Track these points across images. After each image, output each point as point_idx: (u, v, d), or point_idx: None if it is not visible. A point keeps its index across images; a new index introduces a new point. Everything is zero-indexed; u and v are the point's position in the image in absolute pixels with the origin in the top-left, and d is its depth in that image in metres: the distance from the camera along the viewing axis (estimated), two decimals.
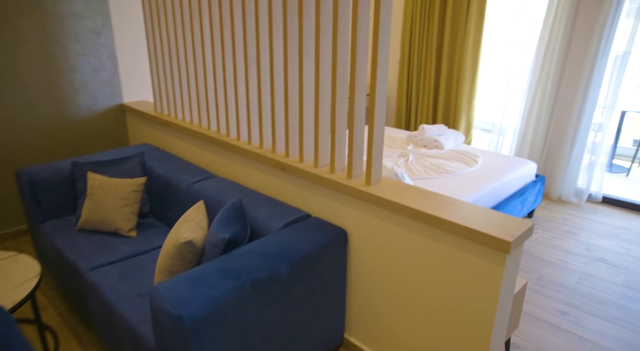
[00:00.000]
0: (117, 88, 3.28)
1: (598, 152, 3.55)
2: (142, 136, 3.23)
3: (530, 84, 3.70)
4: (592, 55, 3.31)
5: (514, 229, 1.39)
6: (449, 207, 1.56)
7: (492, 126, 4.09)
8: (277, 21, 1.93)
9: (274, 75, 2.00)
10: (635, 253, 2.90)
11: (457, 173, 2.90)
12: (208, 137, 2.47)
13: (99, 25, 3.10)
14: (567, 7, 3.36)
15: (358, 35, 1.61)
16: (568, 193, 3.67)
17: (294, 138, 2.04)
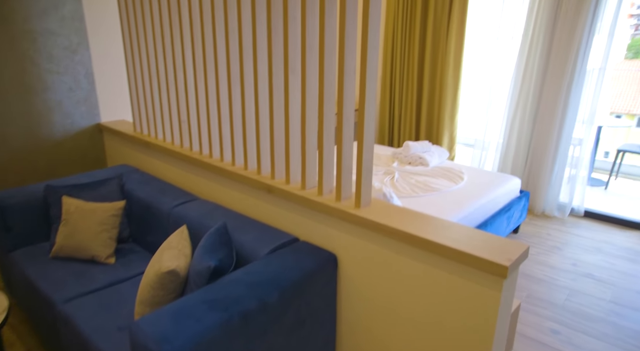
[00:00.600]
0: (94, 107, 3.18)
1: (579, 167, 3.60)
2: (121, 157, 3.12)
3: (512, 99, 3.75)
4: (570, 70, 3.37)
5: (510, 253, 1.36)
6: (442, 230, 1.52)
7: (475, 141, 4.12)
8: (262, 39, 1.89)
9: (259, 94, 1.96)
10: (620, 267, 2.92)
11: (443, 191, 2.89)
12: (190, 158, 2.39)
13: (75, 43, 3.01)
14: (544, 23, 3.44)
15: (346, 54, 1.58)
16: (551, 207, 3.71)
17: (280, 159, 1.99)
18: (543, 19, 3.43)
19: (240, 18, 1.91)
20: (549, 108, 3.55)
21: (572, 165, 3.63)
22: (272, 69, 1.86)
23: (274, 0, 1.76)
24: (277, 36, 1.82)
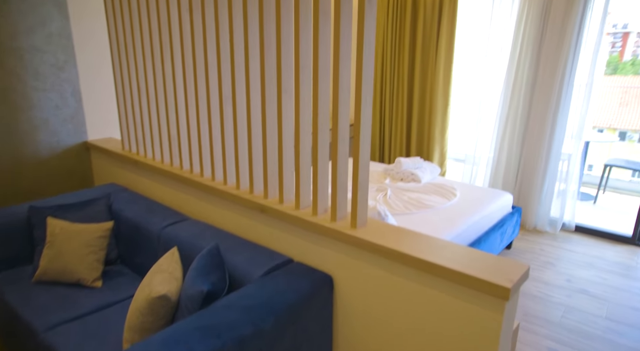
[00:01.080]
0: (82, 125, 3.11)
1: (568, 181, 3.62)
2: (109, 176, 3.06)
3: (501, 114, 3.78)
4: (557, 85, 3.42)
5: (511, 273, 1.33)
6: (441, 250, 1.49)
7: (466, 156, 4.14)
8: (254, 57, 1.87)
9: (251, 112, 1.93)
10: (613, 283, 2.91)
11: (436, 207, 2.87)
12: (180, 177, 2.34)
13: (62, 60, 2.96)
14: (531, 39, 3.49)
15: (340, 71, 1.56)
16: (543, 222, 3.71)
17: (273, 178, 1.95)
18: (530, 34, 3.49)
19: (232, 35, 1.90)
20: (538, 123, 3.58)
21: (561, 180, 3.65)
22: (265, 86, 1.83)
23: (266, 18, 1.75)
24: (270, 54, 1.80)
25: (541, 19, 3.42)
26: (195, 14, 2.05)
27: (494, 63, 3.79)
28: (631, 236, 3.52)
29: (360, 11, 1.46)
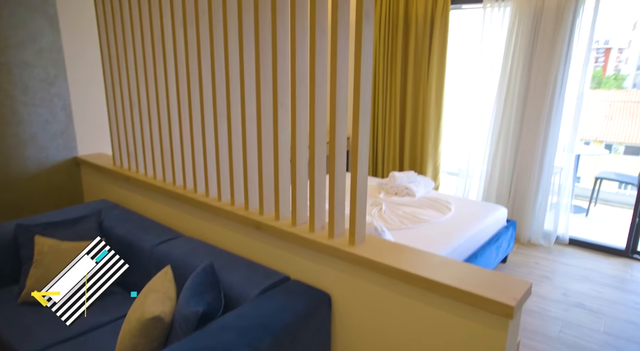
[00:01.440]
0: (72, 140, 3.06)
1: (561, 194, 3.64)
2: (99, 192, 2.99)
3: (494, 128, 3.80)
4: (549, 99, 3.46)
5: (513, 291, 1.31)
6: (441, 267, 1.47)
7: (459, 169, 4.14)
8: (250, 72, 1.85)
9: (246, 127, 1.90)
10: (609, 296, 2.91)
11: (432, 222, 2.85)
12: (173, 193, 2.29)
13: (52, 75, 2.92)
14: (522, 53, 3.54)
15: (337, 85, 1.55)
16: (537, 236, 3.71)
17: (269, 194, 1.92)
18: (521, 48, 3.54)
19: (227, 49, 1.88)
20: (530, 137, 3.61)
21: (554, 193, 3.67)
22: (261, 100, 1.81)
23: (262, 32, 1.74)
24: (266, 68, 1.78)
25: (531, 33, 3.47)
26: (189, 28, 2.04)
27: (486, 77, 3.83)
28: (624, 249, 3.53)
29: (358, 26, 1.45)
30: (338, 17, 1.49)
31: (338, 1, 1.47)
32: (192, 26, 2.04)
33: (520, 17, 3.49)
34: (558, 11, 3.30)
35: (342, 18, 1.50)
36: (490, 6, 3.63)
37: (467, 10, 3.99)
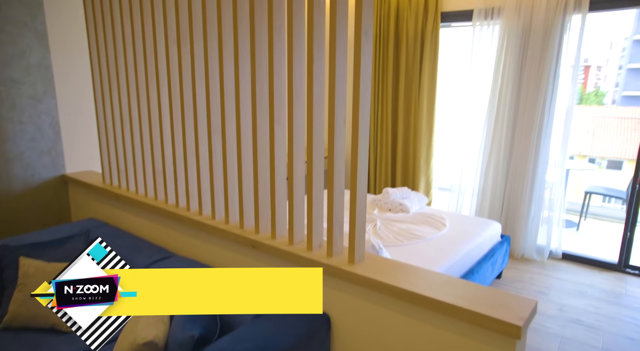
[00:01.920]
0: (59, 158, 2.99)
1: (553, 209, 3.65)
2: (88, 211, 2.92)
3: (485, 143, 3.83)
4: (539, 114, 3.49)
5: (519, 310, 1.28)
6: (444, 286, 1.43)
7: (452, 185, 4.15)
8: (245, 88, 1.83)
9: (242, 144, 1.87)
10: (605, 311, 2.89)
11: (427, 238, 2.83)
12: (166, 211, 2.24)
13: (40, 91, 2.87)
14: (512, 68, 3.58)
15: (336, 101, 1.53)
16: (530, 250, 3.71)
17: (265, 212, 1.88)
18: (511, 66, 3.59)
19: (222, 66, 1.86)
20: (521, 152, 3.63)
21: (546, 207, 3.68)
22: (256, 117, 1.79)
23: (259, 47, 1.72)
24: (262, 85, 1.76)
25: (520, 51, 3.53)
26: (183, 46, 2.02)
27: (477, 93, 3.87)
28: (617, 263, 3.54)
29: (357, 43, 1.44)
30: (337, 35, 1.48)
31: (336, 19, 1.47)
32: (186, 44, 2.01)
33: (509, 36, 3.55)
34: (545, 29, 3.36)
35: (340, 35, 1.49)
36: (480, 24, 3.69)
37: (457, 28, 4.06)
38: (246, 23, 1.77)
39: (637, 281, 3.37)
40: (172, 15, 2.04)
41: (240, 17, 1.76)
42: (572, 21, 3.30)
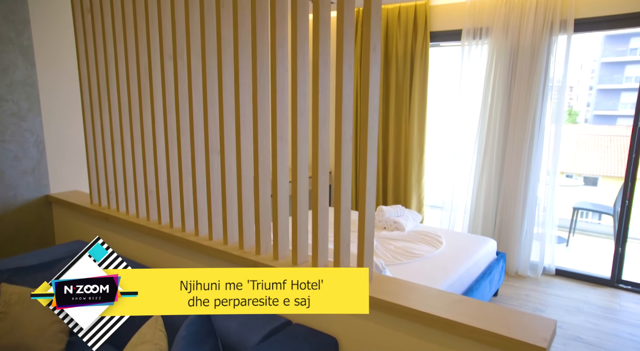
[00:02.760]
0: (44, 177, 2.87)
1: (545, 226, 3.67)
2: (74, 233, 2.79)
3: (477, 161, 3.85)
4: (529, 133, 3.54)
5: (541, 331, 1.24)
6: (458, 306, 1.38)
7: (444, 203, 4.14)
8: (246, 104, 1.79)
9: (242, 162, 1.81)
10: (604, 328, 2.88)
11: (425, 256, 2.79)
12: (159, 232, 2.15)
13: (24, 109, 2.76)
14: (501, 89, 3.64)
15: (343, 120, 1.50)
16: (524, 267, 3.70)
17: (266, 232, 1.81)
18: (500, 85, 3.64)
19: (222, 83, 1.81)
20: (512, 169, 3.66)
21: (540, 225, 3.70)
22: (258, 134, 1.74)
23: (260, 61, 1.69)
24: (264, 102, 1.72)
25: (509, 70, 3.59)
26: (179, 61, 1.97)
27: (467, 112, 3.90)
28: (610, 278, 3.56)
29: (365, 59, 1.42)
30: (344, 49, 1.45)
31: (343, 34, 1.45)
32: (182, 59, 1.97)
33: (498, 55, 3.62)
34: (533, 49, 3.44)
35: (347, 49, 1.47)
36: (468, 44, 3.76)
37: (446, 48, 4.12)
38: (247, 41, 1.74)
39: (630, 296, 3.39)
40: (168, 30, 2.00)
41: (241, 34, 1.72)
42: (558, 42, 3.38)
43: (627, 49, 21.49)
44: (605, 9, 3.21)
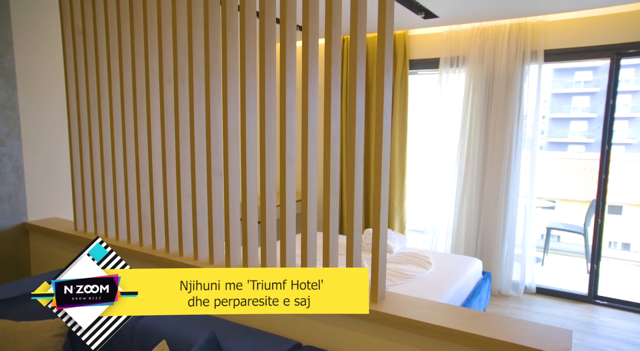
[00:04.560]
0: (21, 204, 2.72)
1: (525, 246, 3.79)
2: (53, 262, 2.64)
3: (458, 185, 3.96)
4: (507, 157, 3.69)
5: (560, 341, 1.28)
6: (474, 320, 1.41)
7: (425, 226, 4.21)
8: (251, 129, 1.79)
9: (247, 184, 1.80)
10: (588, 343, 2.97)
11: (417, 277, 2.82)
12: (153, 257, 2.07)
13: (3, 132, 2.64)
14: (479, 115, 3.80)
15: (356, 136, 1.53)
16: (507, 287, 3.79)
17: (272, 253, 1.79)
18: (478, 110, 3.81)
19: (226, 104, 1.82)
20: (492, 193, 3.79)
21: (520, 246, 3.81)
22: (265, 156, 1.75)
23: (268, 82, 1.71)
24: (270, 123, 1.74)
25: (485, 96, 3.77)
26: (181, 85, 1.96)
27: (447, 137, 4.04)
28: (587, 294, 3.69)
29: (379, 80, 1.47)
30: (357, 76, 1.50)
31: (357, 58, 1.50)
32: (184, 82, 1.96)
33: (475, 83, 3.80)
34: (507, 77, 3.64)
35: (359, 75, 1.52)
36: (446, 72, 3.94)
37: (425, 75, 4.29)
38: (253, 64, 1.76)
39: (607, 311, 3.52)
40: (169, 52, 2.00)
41: (247, 58, 1.75)
42: (530, 71, 3.60)
43: (572, 81, 23.23)
44: (571, 42, 3.46)
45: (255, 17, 1.76)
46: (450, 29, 3.87)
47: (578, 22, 3.43)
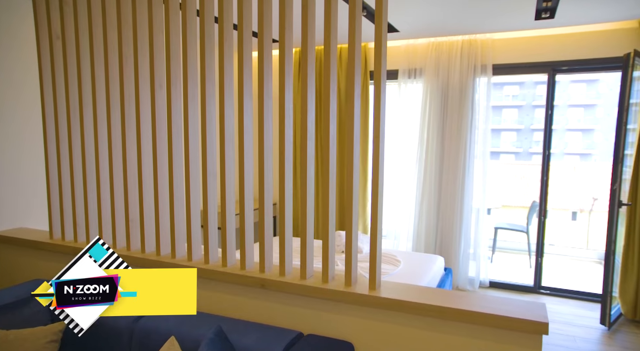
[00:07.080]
0: None
1: (478, 245, 4.12)
2: (26, 273, 2.52)
3: (417, 191, 4.23)
4: (462, 164, 4.01)
5: (538, 311, 1.49)
6: (463, 299, 1.59)
7: (387, 231, 4.45)
8: (248, 124, 1.89)
9: (245, 184, 1.89)
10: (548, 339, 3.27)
11: (389, 274, 3.00)
12: (143, 260, 2.08)
13: None
14: (436, 123, 4.10)
15: (354, 145, 1.68)
16: (464, 282, 4.09)
17: (270, 249, 1.89)
18: (434, 119, 4.11)
19: (223, 106, 1.90)
20: (449, 197, 4.09)
21: (474, 246, 4.14)
22: (264, 158, 1.85)
23: (266, 92, 1.82)
24: (269, 127, 1.85)
25: (441, 106, 4.08)
26: (174, 89, 2.01)
27: (406, 145, 4.31)
28: (533, 286, 4.07)
29: (377, 88, 1.64)
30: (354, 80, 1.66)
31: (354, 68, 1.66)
32: (177, 87, 2.02)
33: (431, 93, 4.10)
34: (461, 89, 3.97)
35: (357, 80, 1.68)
36: (404, 83, 4.22)
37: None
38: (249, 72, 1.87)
39: (550, 299, 3.91)
40: (162, 57, 2.05)
41: (245, 65, 1.85)
42: (481, 83, 3.96)
43: (502, 95, 25.10)
44: (515, 58, 3.86)
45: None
46: (407, 43, 4.17)
47: (520, 41, 3.84)
